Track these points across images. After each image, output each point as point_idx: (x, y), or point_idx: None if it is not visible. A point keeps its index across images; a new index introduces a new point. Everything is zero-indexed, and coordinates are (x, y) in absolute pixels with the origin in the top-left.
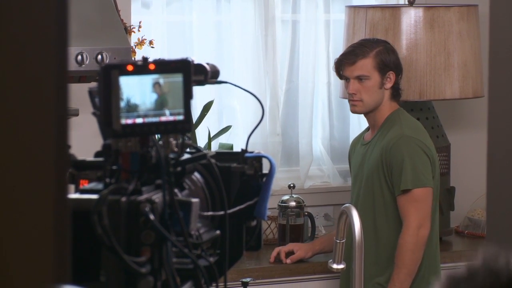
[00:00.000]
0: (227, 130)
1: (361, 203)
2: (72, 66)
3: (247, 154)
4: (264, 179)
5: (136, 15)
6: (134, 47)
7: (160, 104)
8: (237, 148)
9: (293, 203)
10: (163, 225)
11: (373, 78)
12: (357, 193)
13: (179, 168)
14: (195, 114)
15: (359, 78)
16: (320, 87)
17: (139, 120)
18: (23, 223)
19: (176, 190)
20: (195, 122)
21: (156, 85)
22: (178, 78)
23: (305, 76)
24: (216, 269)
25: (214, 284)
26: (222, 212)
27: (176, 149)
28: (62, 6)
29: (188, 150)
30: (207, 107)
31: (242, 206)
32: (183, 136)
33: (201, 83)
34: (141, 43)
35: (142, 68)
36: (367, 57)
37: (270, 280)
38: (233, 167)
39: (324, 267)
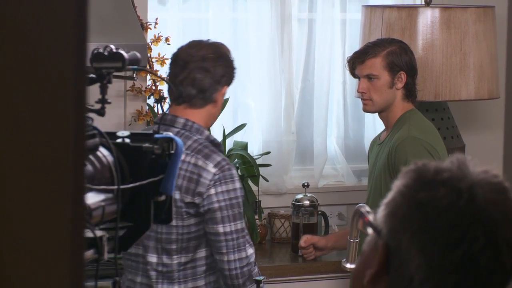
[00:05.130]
0: (242, 128)
1: (371, 202)
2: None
3: (156, 135)
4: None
5: (152, 12)
6: (150, 43)
7: None
8: (251, 147)
9: (307, 202)
10: None
11: (382, 78)
12: (369, 192)
13: None
14: None
15: (369, 77)
16: (336, 86)
17: None
18: (40, 226)
19: None
20: None
21: None
22: None
23: (320, 75)
24: (101, 240)
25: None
26: (115, 187)
27: None
28: (82, 2)
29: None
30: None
31: (143, 182)
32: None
33: (119, 69)
34: (157, 39)
35: None
36: (377, 57)
37: (283, 278)
38: (144, 146)
39: (336, 266)
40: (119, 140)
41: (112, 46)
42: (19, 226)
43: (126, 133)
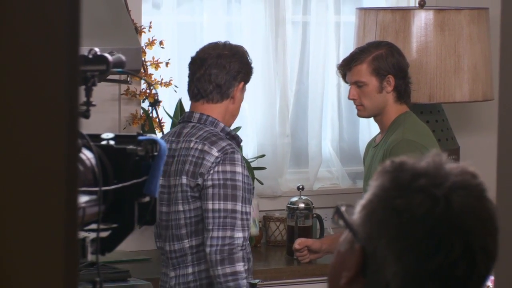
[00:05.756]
0: (236, 131)
1: None
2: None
3: (140, 137)
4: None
5: (146, 16)
6: (144, 47)
7: None
8: (246, 150)
9: (302, 205)
10: None
11: (370, 84)
12: (364, 195)
13: None
14: None
15: (357, 84)
16: (330, 88)
17: None
18: (33, 233)
19: None
20: None
21: None
22: None
23: (315, 78)
24: (83, 242)
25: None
26: (97, 188)
27: None
28: (74, 6)
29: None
30: None
31: (125, 184)
32: None
33: (103, 72)
34: (151, 43)
35: None
36: (363, 63)
37: (278, 281)
38: (128, 148)
39: None
40: (103, 142)
41: (97, 49)
42: (13, 229)
43: (111, 135)
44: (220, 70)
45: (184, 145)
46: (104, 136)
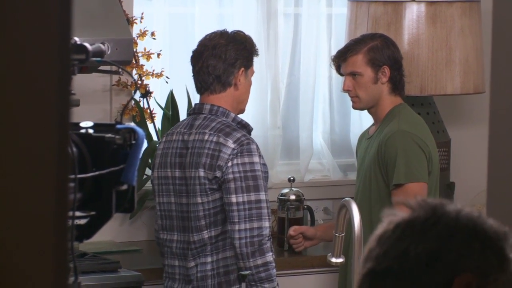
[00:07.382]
0: None
1: (359, 197)
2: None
3: (118, 126)
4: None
5: (138, 6)
6: (136, 38)
7: None
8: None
9: (292, 197)
10: None
11: (365, 74)
12: (358, 187)
13: None
14: None
15: (352, 74)
16: (322, 81)
17: None
18: (24, 221)
19: None
20: None
21: None
22: None
23: (306, 70)
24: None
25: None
26: (72, 176)
27: None
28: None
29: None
30: None
31: (102, 172)
32: None
33: (82, 61)
34: (143, 34)
35: None
36: (359, 53)
37: None
38: (107, 137)
39: (322, 260)
40: (82, 131)
41: (76, 38)
42: (2, 218)
43: (90, 123)
44: (217, 60)
45: (198, 137)
46: (83, 124)
